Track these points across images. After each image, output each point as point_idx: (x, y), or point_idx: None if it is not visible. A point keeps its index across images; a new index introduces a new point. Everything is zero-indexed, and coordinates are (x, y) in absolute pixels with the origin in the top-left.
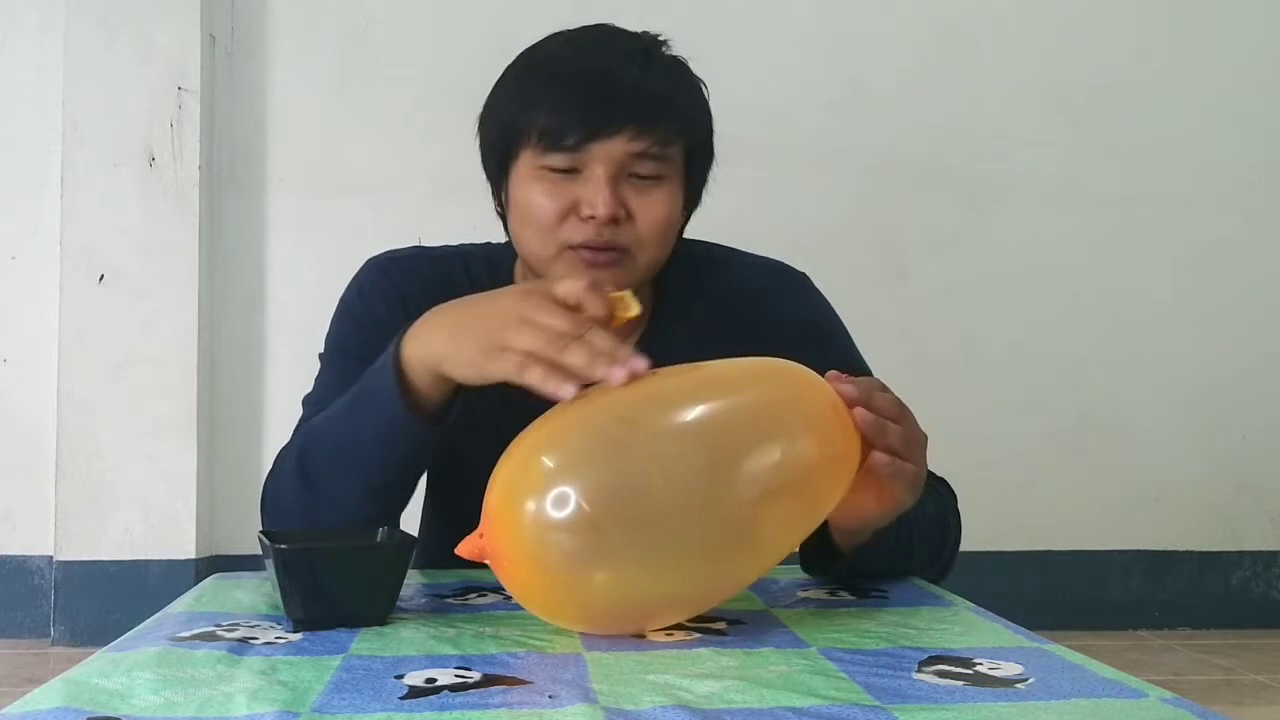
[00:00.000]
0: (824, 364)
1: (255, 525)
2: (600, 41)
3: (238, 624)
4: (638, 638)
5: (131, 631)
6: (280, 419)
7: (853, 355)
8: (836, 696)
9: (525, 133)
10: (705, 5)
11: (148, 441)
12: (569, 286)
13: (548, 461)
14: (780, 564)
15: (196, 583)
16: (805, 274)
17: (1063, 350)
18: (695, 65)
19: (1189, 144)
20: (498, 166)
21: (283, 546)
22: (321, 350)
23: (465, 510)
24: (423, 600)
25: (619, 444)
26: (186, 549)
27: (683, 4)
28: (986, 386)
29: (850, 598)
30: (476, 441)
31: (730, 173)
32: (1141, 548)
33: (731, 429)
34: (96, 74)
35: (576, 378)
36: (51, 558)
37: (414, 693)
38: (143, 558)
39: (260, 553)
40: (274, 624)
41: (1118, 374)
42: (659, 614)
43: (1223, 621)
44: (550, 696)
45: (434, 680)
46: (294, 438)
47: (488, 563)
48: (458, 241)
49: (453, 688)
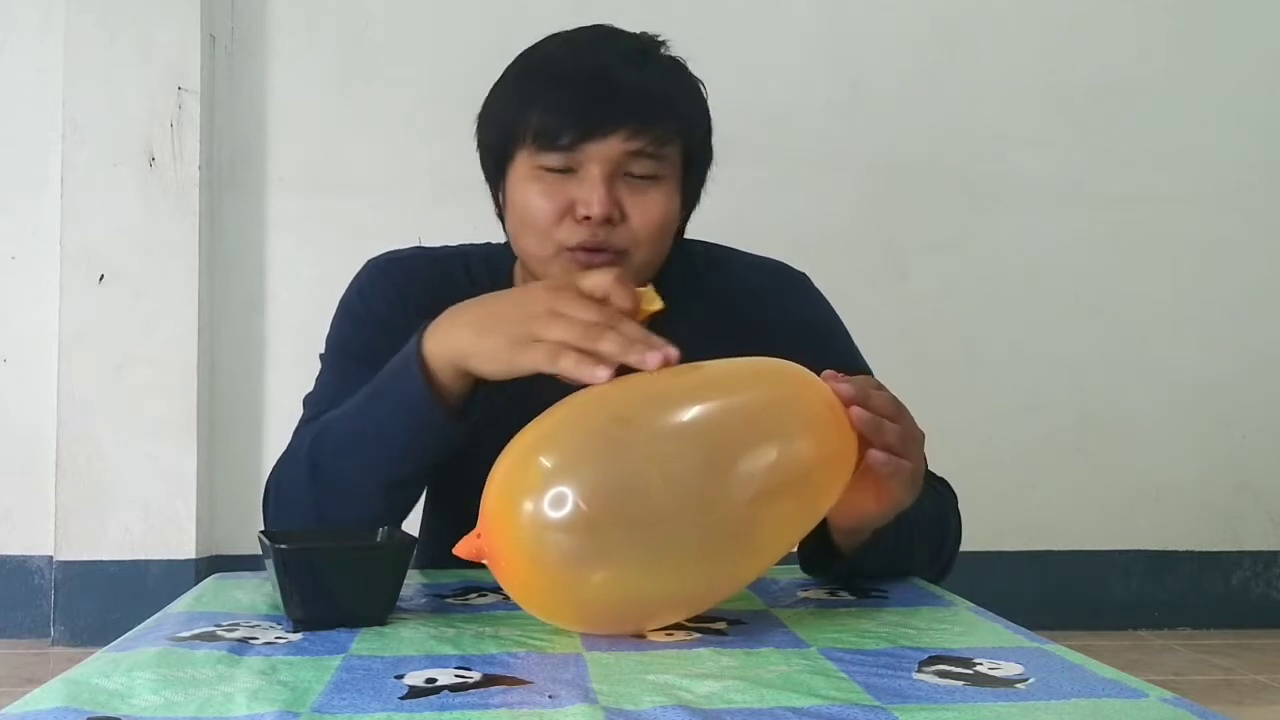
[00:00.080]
0: (824, 364)
1: (255, 525)
2: (598, 42)
3: (238, 624)
4: (638, 638)
5: (131, 631)
6: (280, 419)
7: (852, 355)
8: (836, 696)
9: (521, 133)
10: (705, 5)
11: (148, 441)
12: (597, 280)
13: (545, 461)
14: (780, 564)
15: (196, 583)
16: (805, 274)
17: (1063, 350)
18: (695, 65)
19: (1189, 144)
20: (495, 167)
21: (283, 546)
22: (322, 350)
23: (465, 510)
24: (423, 600)
25: (617, 444)
26: (186, 549)
27: (683, 4)
28: (986, 386)
29: (850, 598)
30: (477, 441)
31: (730, 173)
32: (1141, 548)
33: (729, 429)
34: (96, 74)
35: (609, 363)
36: (51, 558)
37: (414, 693)
38: (143, 558)
39: (260, 553)
40: (274, 624)
41: (1118, 374)
42: (657, 614)
43: (1223, 621)
44: (550, 696)
45: (434, 680)
46: (297, 437)
47: (486, 563)
48: (458, 241)
49: (453, 688)
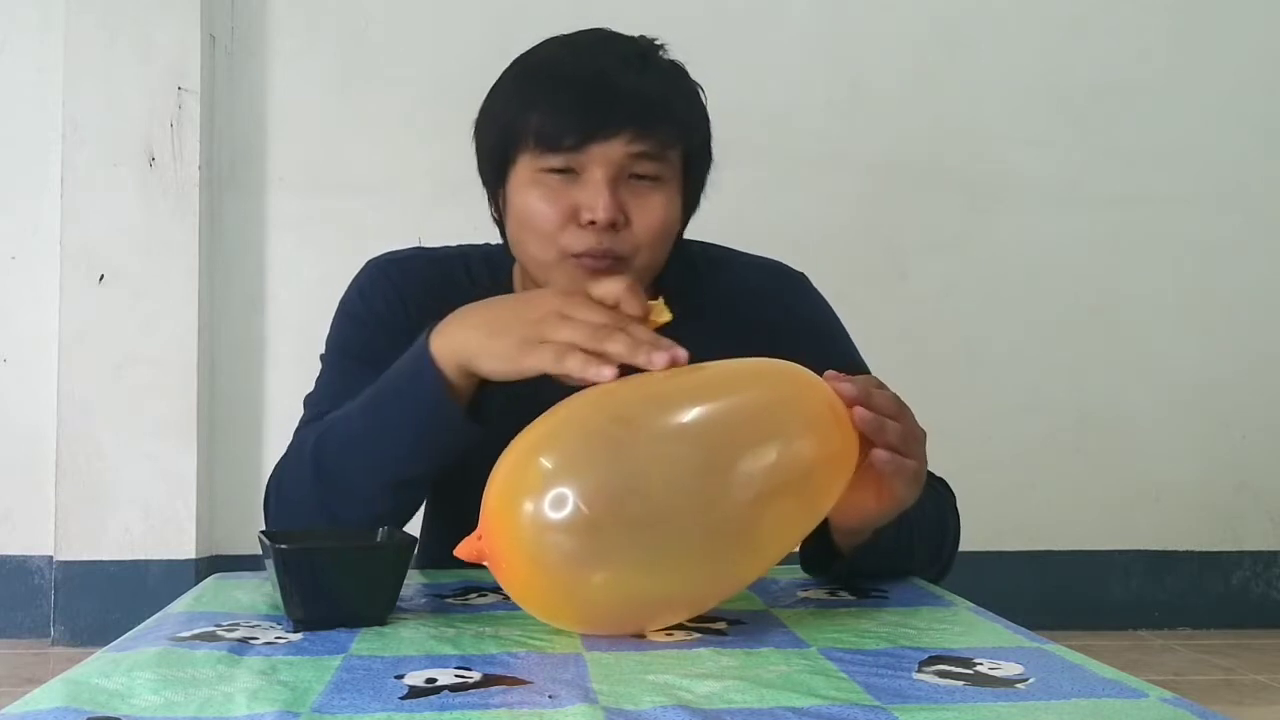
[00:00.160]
0: (823, 364)
1: (255, 525)
2: (597, 45)
3: (238, 624)
4: (638, 638)
5: (131, 631)
6: (280, 419)
7: (852, 355)
8: (836, 696)
9: (523, 136)
10: (705, 5)
11: (148, 441)
12: (608, 287)
13: (545, 462)
14: (780, 564)
15: (196, 583)
16: (803, 274)
17: (1063, 350)
18: (694, 65)
19: (1189, 144)
20: (495, 171)
21: (283, 546)
22: (322, 351)
23: (465, 510)
24: (423, 600)
25: (617, 445)
26: (186, 549)
27: (682, 4)
28: (986, 386)
29: (850, 598)
30: (478, 444)
31: (730, 173)
32: (1141, 548)
33: (729, 429)
34: (96, 74)
35: (614, 363)
36: (51, 558)
37: (414, 693)
38: (143, 558)
39: (260, 553)
40: (274, 624)
41: (1118, 374)
42: (658, 615)
43: (1223, 621)
44: (550, 696)
45: (434, 680)
46: (298, 437)
47: (486, 564)
48: (458, 241)
49: (453, 688)
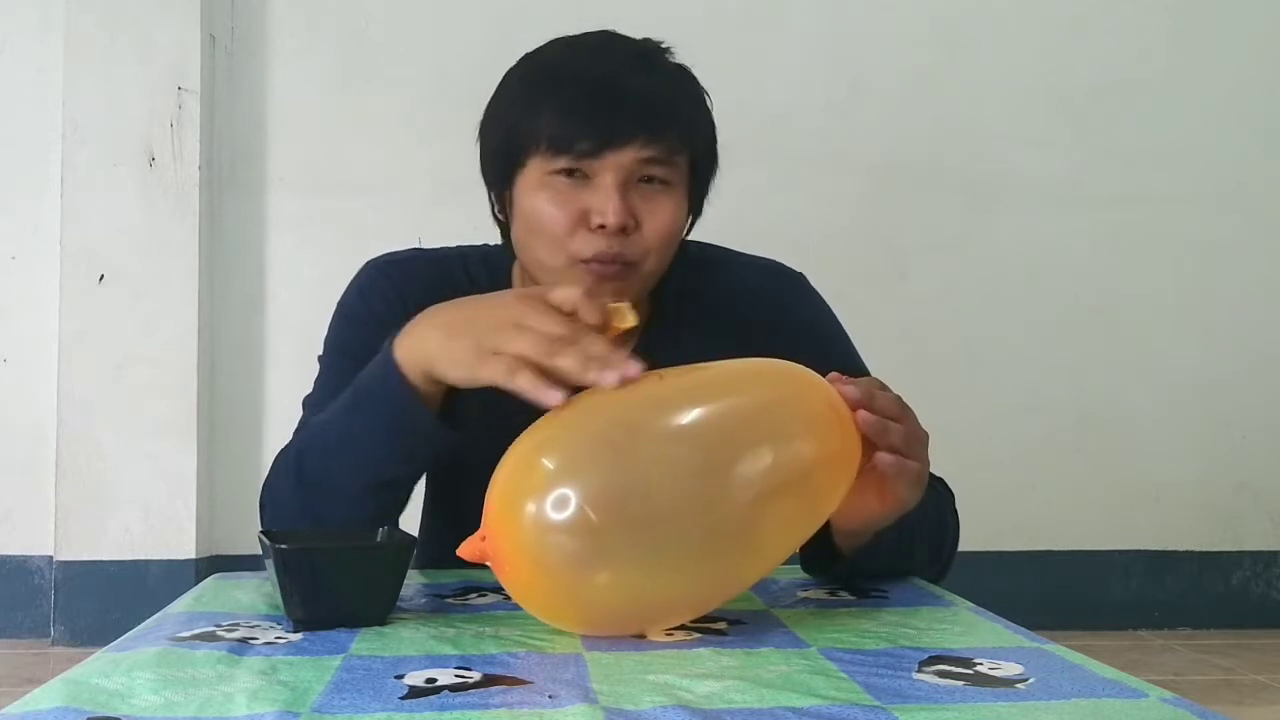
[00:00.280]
0: (822, 364)
1: (255, 525)
2: (603, 47)
3: (238, 624)
4: (638, 638)
5: (131, 631)
6: (280, 419)
7: (850, 355)
8: (836, 696)
9: (533, 138)
10: (705, 5)
11: (148, 441)
12: (565, 294)
13: (548, 463)
14: (780, 564)
15: (196, 583)
16: (802, 274)
17: (1063, 350)
18: (695, 66)
19: (1189, 144)
20: (502, 172)
21: (283, 546)
22: (321, 352)
23: (465, 510)
24: (423, 600)
25: (619, 446)
26: (186, 549)
27: (683, 4)
28: (986, 386)
29: (850, 598)
30: (476, 442)
31: (730, 173)
32: (1141, 548)
33: (731, 430)
34: (96, 74)
35: (567, 382)
36: (51, 558)
37: (414, 693)
38: (143, 558)
39: (260, 553)
40: (274, 624)
41: (1118, 374)
42: (660, 616)
43: (1223, 621)
44: (550, 696)
45: (434, 680)
46: (293, 438)
47: (488, 564)
48: (458, 242)
49: (453, 688)
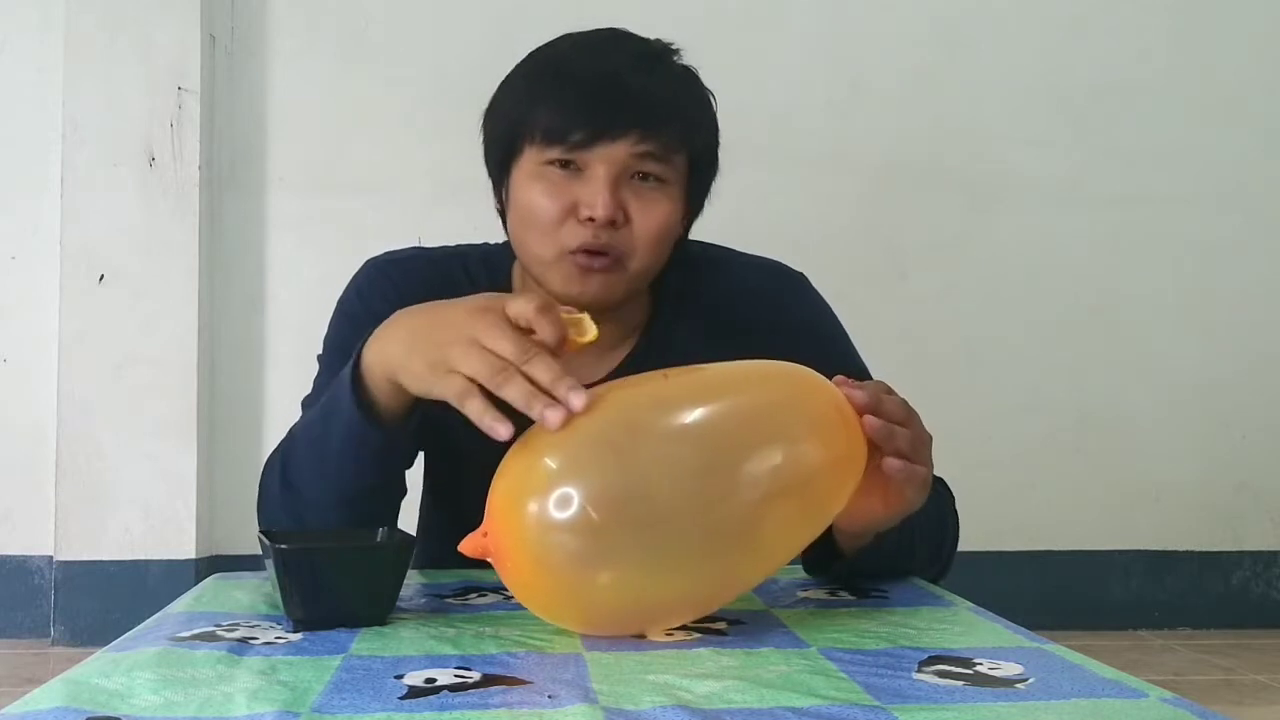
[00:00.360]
0: (822, 364)
1: (255, 525)
2: (609, 44)
3: (238, 624)
4: (638, 638)
5: (131, 631)
6: (280, 419)
7: (851, 355)
8: (836, 696)
9: (529, 129)
10: (705, 5)
11: (148, 441)
12: (519, 307)
13: (550, 462)
14: None
15: (196, 583)
16: (803, 274)
17: (1063, 350)
18: (695, 66)
19: (1189, 144)
20: (500, 163)
21: (283, 546)
22: (320, 352)
23: (465, 510)
24: (423, 600)
25: (621, 446)
26: (186, 549)
27: (683, 3)
28: (986, 386)
29: (850, 598)
30: (476, 441)
31: (730, 173)
32: (1141, 548)
33: (734, 431)
34: (96, 74)
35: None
36: (51, 558)
37: (414, 693)
38: (143, 558)
39: (260, 553)
40: (274, 624)
41: (1118, 374)
42: (661, 616)
43: (1223, 621)
44: (550, 696)
45: (434, 680)
46: (283, 439)
47: (490, 560)
48: (457, 241)
49: (452, 688)
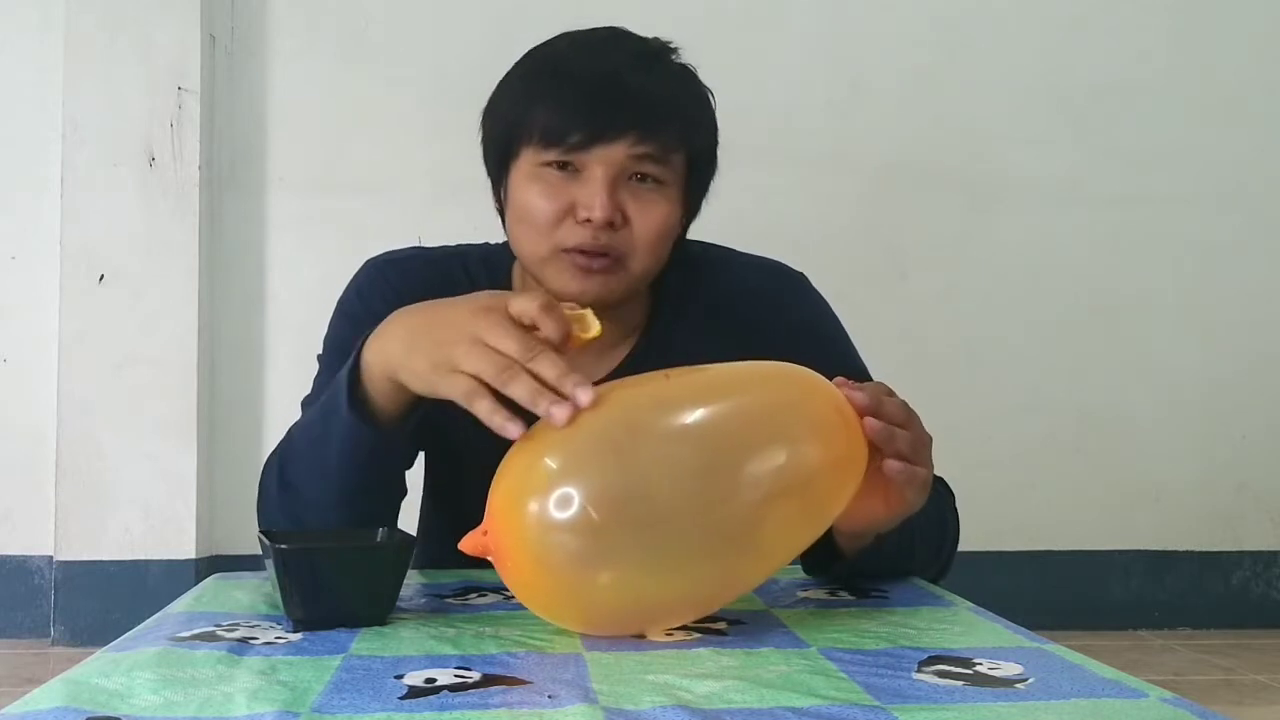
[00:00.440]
0: (822, 364)
1: (255, 525)
2: (608, 44)
3: (238, 624)
4: (638, 638)
5: (131, 631)
6: (280, 419)
7: (851, 355)
8: (836, 696)
9: (527, 129)
10: (705, 5)
11: (148, 441)
12: (522, 305)
13: (551, 462)
14: None
15: (196, 583)
16: (803, 274)
17: (1063, 350)
18: (695, 66)
19: (1189, 144)
20: (498, 163)
21: (283, 546)
22: (320, 351)
23: (465, 510)
24: (423, 600)
25: (622, 446)
26: (186, 549)
27: (683, 3)
28: (986, 386)
29: (850, 598)
30: (475, 442)
31: (730, 173)
32: (1141, 548)
33: (735, 432)
34: (96, 74)
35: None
36: (51, 558)
37: (414, 693)
38: (143, 558)
39: (260, 553)
40: (274, 624)
41: (1118, 374)
42: (662, 616)
43: (1223, 621)
44: (550, 696)
45: (434, 680)
46: (282, 439)
47: (490, 559)
48: (457, 242)
49: (452, 688)
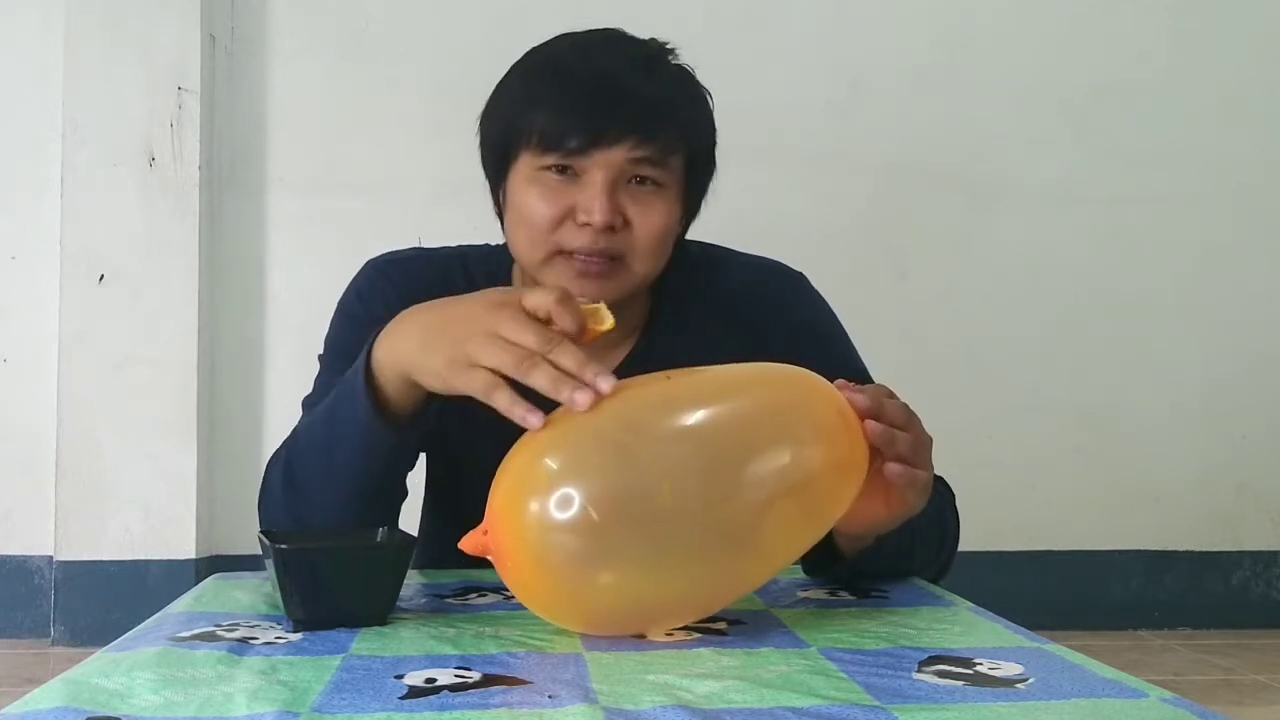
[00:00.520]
0: (822, 364)
1: (255, 525)
2: (606, 46)
3: (238, 624)
4: (638, 638)
5: (131, 631)
6: (280, 419)
7: (850, 355)
8: (836, 696)
9: (526, 133)
10: (705, 5)
11: (148, 441)
12: (538, 299)
13: (551, 463)
14: None
15: (196, 583)
16: (802, 274)
17: (1063, 350)
18: (695, 66)
19: (1189, 144)
20: (496, 166)
21: (283, 546)
22: (321, 352)
23: (465, 511)
24: (423, 600)
25: (623, 446)
26: (186, 549)
27: (683, 3)
28: (986, 386)
29: (850, 598)
30: (476, 443)
31: (730, 173)
32: (1141, 548)
33: (736, 433)
34: (96, 74)
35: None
36: (51, 558)
37: (414, 693)
38: (143, 558)
39: (260, 553)
40: (274, 624)
41: (1118, 374)
42: (662, 617)
43: (1223, 621)
44: (550, 696)
45: (434, 680)
46: (286, 439)
47: (490, 559)
48: (458, 242)
49: (453, 688)
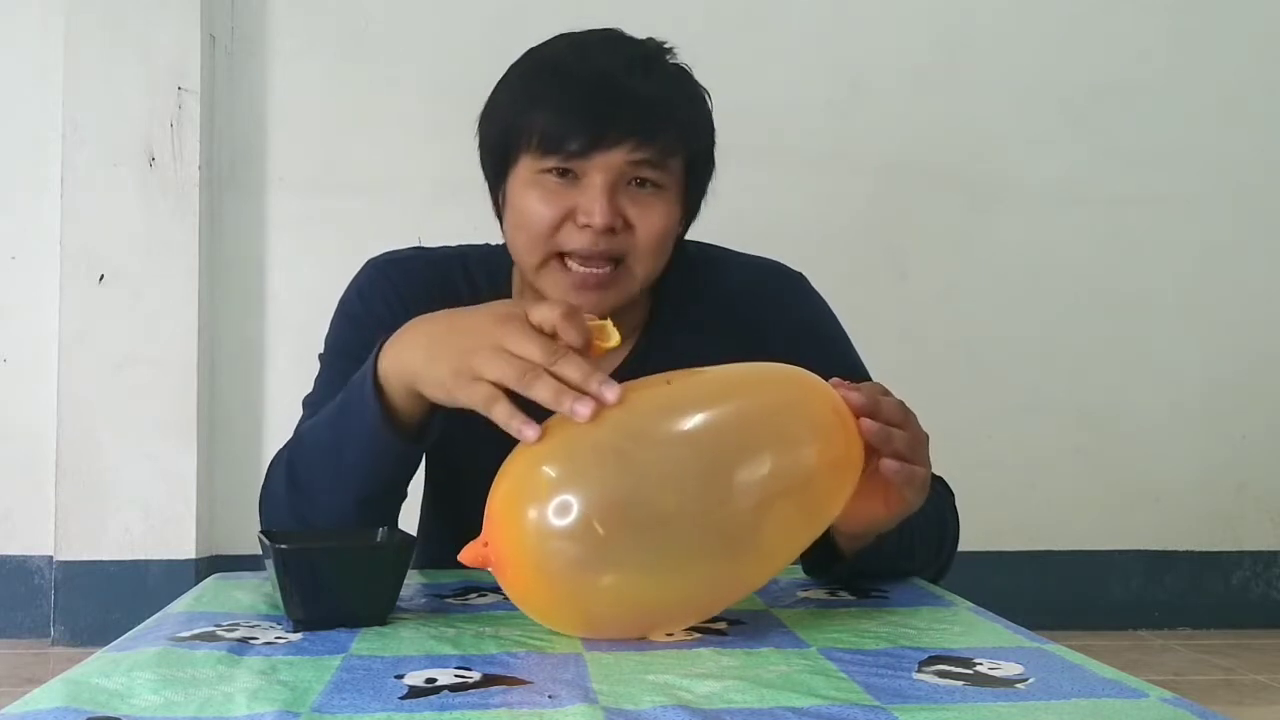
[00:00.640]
0: (822, 363)
1: (255, 525)
2: (604, 46)
3: (238, 624)
4: (638, 638)
5: (131, 631)
6: (280, 419)
7: (850, 355)
8: (836, 696)
9: (525, 135)
10: (705, 5)
11: (148, 441)
12: (544, 313)
13: (549, 470)
14: None
15: (196, 583)
16: (802, 274)
17: (1063, 350)
18: (694, 66)
19: (1189, 144)
20: (496, 168)
21: (283, 546)
22: (321, 351)
23: (465, 513)
24: (423, 600)
25: (620, 450)
26: (186, 549)
27: (683, 3)
28: (986, 386)
29: (850, 598)
30: (478, 448)
31: (730, 173)
32: (1141, 548)
33: (734, 434)
34: (96, 74)
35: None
36: (51, 558)
37: (414, 693)
38: (143, 558)
39: (260, 553)
40: (274, 624)
41: (1118, 374)
42: (662, 621)
43: (1223, 621)
44: (550, 696)
45: (434, 680)
46: (289, 440)
47: (490, 570)
48: (458, 242)
49: (453, 688)
